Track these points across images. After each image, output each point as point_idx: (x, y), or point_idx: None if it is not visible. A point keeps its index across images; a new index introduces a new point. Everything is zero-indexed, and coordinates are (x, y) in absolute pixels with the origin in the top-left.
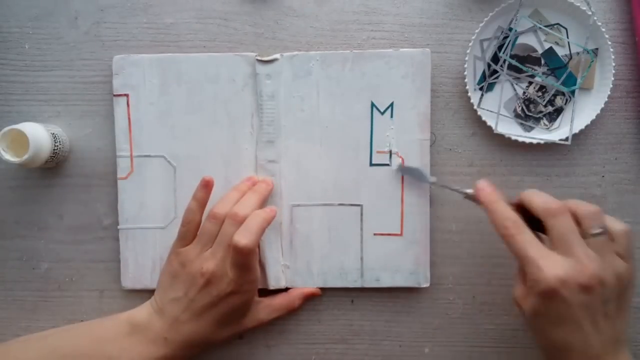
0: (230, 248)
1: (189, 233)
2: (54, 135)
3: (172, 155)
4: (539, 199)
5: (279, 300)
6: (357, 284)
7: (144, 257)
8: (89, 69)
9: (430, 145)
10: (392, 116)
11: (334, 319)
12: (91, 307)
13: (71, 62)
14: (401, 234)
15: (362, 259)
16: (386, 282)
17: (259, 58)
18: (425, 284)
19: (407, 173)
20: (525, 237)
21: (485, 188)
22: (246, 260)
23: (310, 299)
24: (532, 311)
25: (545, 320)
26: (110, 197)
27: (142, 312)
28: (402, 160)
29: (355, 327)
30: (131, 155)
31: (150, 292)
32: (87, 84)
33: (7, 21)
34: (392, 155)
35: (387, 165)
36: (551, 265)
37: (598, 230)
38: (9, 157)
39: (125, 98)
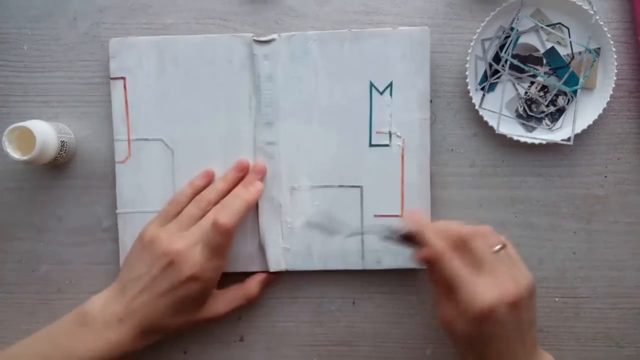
0: (211, 227)
1: (171, 214)
2: (59, 132)
3: (170, 138)
4: (453, 226)
5: (233, 291)
6: (358, 266)
7: None
8: (87, 70)
9: (431, 125)
10: (391, 96)
11: (336, 320)
12: None
13: (70, 63)
14: (402, 215)
15: (362, 241)
16: (387, 264)
17: (256, 39)
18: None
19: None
20: (456, 263)
21: (416, 213)
22: (222, 242)
23: (311, 297)
24: (465, 333)
25: (478, 340)
26: (109, 199)
27: (98, 299)
28: (403, 140)
29: (357, 329)
30: (129, 138)
31: None
32: (86, 85)
33: (5, 22)
34: (392, 136)
35: (387, 145)
36: (484, 289)
37: (499, 246)
38: (17, 155)
39: (122, 81)
